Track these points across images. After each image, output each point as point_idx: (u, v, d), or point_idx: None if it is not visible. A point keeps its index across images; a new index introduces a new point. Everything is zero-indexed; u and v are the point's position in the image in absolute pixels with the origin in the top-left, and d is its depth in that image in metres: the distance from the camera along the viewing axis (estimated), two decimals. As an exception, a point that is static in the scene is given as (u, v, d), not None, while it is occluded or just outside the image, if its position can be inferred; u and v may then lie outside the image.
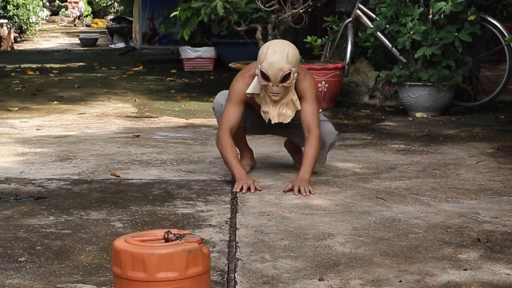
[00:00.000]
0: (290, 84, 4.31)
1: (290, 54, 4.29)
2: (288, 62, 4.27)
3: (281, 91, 4.32)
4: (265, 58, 4.29)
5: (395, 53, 7.30)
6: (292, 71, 4.28)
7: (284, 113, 4.39)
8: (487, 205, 3.99)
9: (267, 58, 4.28)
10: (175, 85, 9.32)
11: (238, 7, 7.67)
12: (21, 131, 6.11)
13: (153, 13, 12.35)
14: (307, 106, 4.39)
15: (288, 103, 4.39)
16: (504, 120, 6.61)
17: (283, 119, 4.39)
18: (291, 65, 4.28)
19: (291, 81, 4.30)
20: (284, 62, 4.26)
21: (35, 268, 3.10)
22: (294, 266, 3.12)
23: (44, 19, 23.27)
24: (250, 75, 4.44)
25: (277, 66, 4.25)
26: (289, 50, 4.31)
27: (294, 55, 4.32)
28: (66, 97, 8.17)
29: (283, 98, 4.36)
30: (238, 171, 4.35)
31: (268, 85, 4.30)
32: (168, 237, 2.56)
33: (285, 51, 4.29)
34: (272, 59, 4.27)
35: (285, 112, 4.39)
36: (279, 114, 4.39)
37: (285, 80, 4.28)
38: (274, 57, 4.27)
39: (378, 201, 4.07)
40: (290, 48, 4.33)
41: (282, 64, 4.25)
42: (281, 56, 4.27)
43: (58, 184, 4.43)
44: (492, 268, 3.09)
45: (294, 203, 4.04)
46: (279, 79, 4.27)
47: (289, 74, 4.27)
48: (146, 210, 3.91)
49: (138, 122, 6.61)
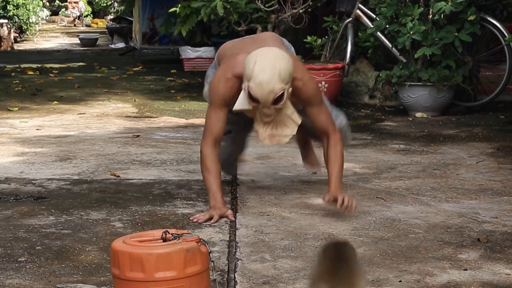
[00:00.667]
0: (284, 105, 3.64)
1: (282, 70, 3.57)
2: (280, 81, 3.55)
3: (274, 113, 3.65)
4: (252, 77, 3.56)
5: (395, 53, 7.30)
6: (286, 89, 3.59)
7: (279, 133, 3.73)
8: (487, 205, 3.99)
9: (255, 77, 3.55)
10: (175, 85, 9.32)
11: (238, 7, 7.67)
12: (21, 131, 6.11)
13: (153, 13, 12.35)
14: (317, 112, 3.83)
15: (283, 120, 3.70)
16: (504, 120, 6.61)
17: (278, 140, 3.74)
18: (284, 83, 3.57)
19: (285, 101, 3.62)
20: (275, 81, 3.54)
21: (35, 268, 3.10)
22: (294, 266, 3.11)
23: (44, 19, 23.27)
24: (234, 75, 3.76)
25: (267, 87, 3.54)
26: (281, 65, 3.57)
27: (287, 69, 3.59)
28: (66, 97, 8.17)
29: (276, 117, 3.68)
30: (213, 198, 3.77)
31: (258, 108, 3.63)
32: (166, 237, 2.56)
33: (276, 67, 3.55)
34: (261, 79, 3.54)
35: (280, 132, 3.73)
36: (272, 136, 3.73)
37: (278, 101, 3.60)
38: (263, 76, 3.54)
39: (378, 201, 4.07)
40: (281, 62, 3.59)
41: (273, 85, 3.54)
42: (272, 74, 3.54)
43: (58, 184, 4.42)
44: (492, 268, 3.09)
45: (294, 203, 4.03)
46: (271, 102, 3.58)
47: (282, 94, 3.58)
48: (146, 210, 3.91)
49: (138, 122, 6.61)
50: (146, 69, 11.28)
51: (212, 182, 3.79)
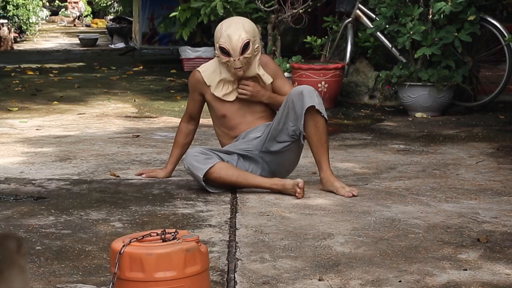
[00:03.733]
0: (251, 54, 4.24)
1: (245, 24, 4.27)
2: (245, 31, 4.23)
3: (244, 63, 4.25)
4: (221, 34, 4.24)
5: (395, 53, 7.30)
6: (251, 41, 4.23)
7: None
8: (487, 205, 3.99)
9: (223, 32, 4.23)
10: (175, 85, 9.33)
11: (238, 7, 7.67)
12: (21, 131, 6.11)
13: (153, 13, 12.36)
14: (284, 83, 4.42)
15: (254, 77, 4.35)
16: (504, 120, 6.61)
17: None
18: (249, 35, 4.23)
19: (252, 51, 4.24)
20: (241, 31, 4.22)
21: (35, 268, 3.10)
22: (294, 266, 3.11)
23: (44, 19, 23.29)
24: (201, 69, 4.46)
25: (235, 36, 4.20)
26: (244, 21, 4.31)
27: (251, 25, 4.30)
28: (66, 97, 8.17)
29: (246, 71, 4.30)
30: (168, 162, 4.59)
31: (230, 61, 4.24)
32: (165, 237, 2.56)
33: (239, 22, 4.28)
34: (228, 32, 4.22)
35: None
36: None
37: (245, 50, 4.22)
38: (230, 29, 4.23)
39: (378, 201, 4.07)
40: (245, 20, 4.34)
41: (239, 33, 4.21)
42: (237, 27, 4.23)
43: (58, 184, 4.43)
44: (492, 268, 3.09)
45: (294, 203, 4.03)
46: (240, 50, 4.21)
47: (248, 43, 4.22)
48: (146, 210, 3.91)
49: (138, 122, 6.61)
50: (146, 69, 11.28)
51: (174, 150, 4.57)
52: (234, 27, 4.24)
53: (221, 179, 4.18)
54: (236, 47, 4.21)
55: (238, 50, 4.21)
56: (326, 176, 4.23)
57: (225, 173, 4.18)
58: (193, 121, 4.62)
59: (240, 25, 4.26)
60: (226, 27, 4.25)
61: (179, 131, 4.59)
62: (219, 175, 4.17)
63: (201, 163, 4.18)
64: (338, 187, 4.18)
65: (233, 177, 4.19)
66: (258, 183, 4.22)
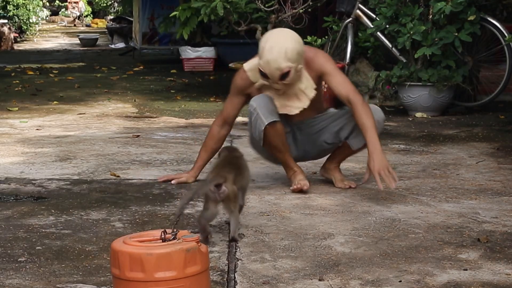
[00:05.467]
0: (291, 81, 4.04)
1: (289, 50, 3.97)
2: (287, 60, 3.97)
3: (283, 87, 4.08)
4: (262, 55, 4.01)
5: (395, 53, 7.30)
6: (293, 68, 3.99)
7: (290, 104, 4.15)
8: (487, 205, 3.99)
9: (264, 56, 3.99)
10: (175, 85, 9.33)
11: (238, 7, 7.67)
12: (21, 131, 6.11)
13: (153, 13, 12.36)
14: (334, 79, 4.15)
15: (296, 93, 4.13)
16: (504, 120, 6.61)
17: (289, 110, 4.15)
18: (291, 62, 3.98)
19: (292, 78, 4.02)
20: (282, 60, 3.96)
21: (35, 268, 3.10)
22: (294, 266, 3.11)
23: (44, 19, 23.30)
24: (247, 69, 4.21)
25: (274, 65, 3.97)
26: (288, 45, 3.97)
27: (294, 49, 3.99)
28: (66, 97, 8.18)
29: (288, 90, 4.10)
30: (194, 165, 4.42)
31: (269, 82, 4.07)
32: (165, 237, 2.56)
33: (283, 47, 3.96)
34: (268, 57, 3.98)
35: (292, 103, 4.15)
36: (284, 106, 4.16)
37: (285, 77, 4.02)
38: (271, 54, 3.97)
39: (378, 201, 4.07)
40: (290, 42, 3.99)
41: (280, 63, 3.97)
42: (279, 53, 3.96)
43: (58, 184, 4.42)
44: (492, 268, 3.09)
45: (294, 203, 4.03)
46: (278, 78, 4.02)
47: (288, 72, 4.00)
48: (146, 210, 3.91)
49: (138, 122, 6.61)
50: (146, 69, 11.29)
51: (202, 154, 4.40)
52: (276, 53, 3.96)
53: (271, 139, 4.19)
54: (275, 75, 4.01)
55: (276, 77, 4.01)
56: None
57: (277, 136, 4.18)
58: (227, 126, 4.38)
59: (283, 50, 3.95)
60: (269, 49, 3.98)
61: (211, 135, 4.39)
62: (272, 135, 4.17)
63: (267, 115, 4.13)
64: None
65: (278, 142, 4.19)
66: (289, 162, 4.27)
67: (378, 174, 3.98)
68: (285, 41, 3.99)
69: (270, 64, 3.98)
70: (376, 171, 3.99)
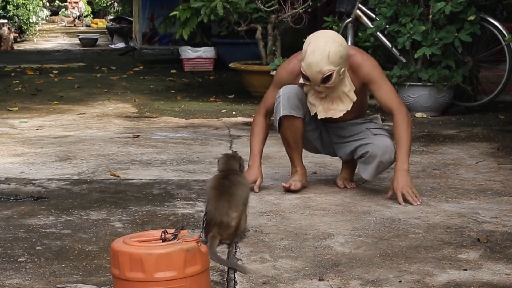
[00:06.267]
0: (334, 83, 3.93)
1: (332, 53, 3.87)
2: (329, 63, 3.86)
3: (325, 90, 3.97)
4: (304, 57, 3.91)
5: (395, 53, 7.29)
6: (336, 71, 3.89)
7: (334, 107, 4.04)
8: (487, 205, 3.99)
9: (306, 58, 3.89)
10: (175, 85, 9.33)
11: (238, 7, 7.67)
12: (21, 131, 6.11)
13: (153, 13, 12.36)
14: (380, 89, 4.07)
15: (339, 96, 4.02)
16: (504, 120, 6.61)
17: (332, 114, 4.05)
18: (334, 65, 3.88)
19: (335, 80, 3.91)
20: (324, 63, 3.86)
21: (35, 268, 3.10)
22: (294, 266, 3.11)
23: (44, 19, 23.30)
24: (298, 60, 4.08)
25: (316, 68, 3.87)
26: (331, 48, 3.87)
27: (337, 52, 3.88)
28: (66, 97, 8.18)
29: (330, 93, 4.01)
30: (251, 159, 4.25)
31: (311, 84, 3.98)
32: (165, 237, 2.56)
33: (326, 50, 3.86)
34: (310, 60, 3.88)
35: (336, 106, 4.04)
36: (328, 109, 4.05)
37: (327, 80, 3.91)
38: (312, 57, 3.87)
39: (378, 201, 4.07)
40: (332, 45, 3.88)
41: (322, 66, 3.86)
42: (321, 56, 3.86)
43: (58, 184, 4.42)
44: (492, 268, 3.09)
45: (294, 203, 4.03)
46: (319, 81, 3.91)
47: (330, 75, 3.89)
48: (146, 210, 3.91)
49: (138, 122, 6.61)
50: (146, 69, 11.28)
51: (254, 144, 4.25)
52: (318, 56, 3.86)
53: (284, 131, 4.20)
54: (317, 78, 3.91)
55: (318, 81, 3.91)
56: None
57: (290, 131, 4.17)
58: (269, 115, 4.28)
59: (326, 53, 3.85)
60: (311, 52, 3.88)
61: (258, 126, 4.26)
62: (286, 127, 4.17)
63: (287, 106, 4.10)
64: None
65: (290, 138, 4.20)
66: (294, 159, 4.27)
67: (401, 194, 3.99)
68: (327, 44, 3.89)
69: (311, 67, 3.88)
70: (399, 190, 3.99)
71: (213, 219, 3.31)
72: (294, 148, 4.26)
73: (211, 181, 3.50)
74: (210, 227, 3.31)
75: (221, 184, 3.43)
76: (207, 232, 3.31)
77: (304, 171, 4.31)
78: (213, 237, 3.27)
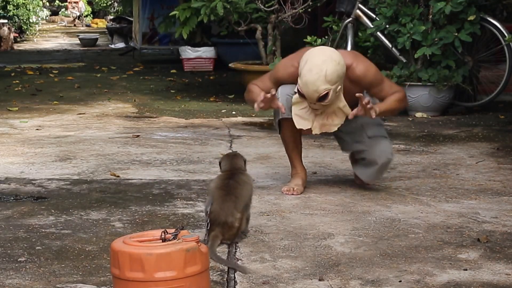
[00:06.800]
0: (330, 101, 3.88)
1: (329, 72, 3.80)
2: (326, 82, 3.80)
3: (321, 107, 3.93)
4: (301, 75, 3.85)
5: (395, 53, 7.29)
6: (332, 89, 3.83)
7: (329, 123, 4.00)
8: (487, 205, 3.99)
9: (302, 76, 3.83)
10: (175, 85, 9.32)
11: (238, 7, 7.67)
12: (21, 131, 6.11)
13: (153, 13, 12.36)
14: (381, 91, 4.07)
15: (334, 112, 3.98)
16: (504, 120, 6.61)
17: (327, 129, 4.01)
18: (331, 84, 3.81)
19: (331, 99, 3.86)
20: (320, 82, 3.80)
21: (35, 268, 3.10)
22: (294, 266, 3.12)
23: (44, 19, 23.29)
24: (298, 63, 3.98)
25: (312, 87, 3.81)
26: (328, 67, 3.80)
27: (334, 71, 3.82)
28: (66, 97, 8.17)
29: (326, 110, 3.96)
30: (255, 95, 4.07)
31: (307, 101, 3.93)
32: (165, 237, 2.56)
33: (323, 69, 3.79)
34: (306, 79, 3.81)
35: (331, 121, 4.00)
36: (323, 125, 4.00)
37: (323, 99, 3.86)
38: (309, 76, 3.81)
39: (378, 201, 4.07)
40: (330, 64, 3.81)
41: (318, 85, 3.80)
42: (318, 75, 3.79)
43: (58, 184, 4.43)
44: (492, 268, 3.09)
45: (294, 203, 4.04)
46: (315, 100, 3.86)
47: (326, 94, 3.83)
48: (146, 210, 3.91)
49: (138, 122, 6.61)
50: (146, 69, 11.28)
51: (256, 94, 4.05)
52: (315, 75, 3.79)
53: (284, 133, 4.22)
54: (313, 97, 3.85)
55: (314, 99, 3.86)
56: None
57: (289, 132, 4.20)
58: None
59: (323, 73, 3.78)
60: (307, 70, 3.81)
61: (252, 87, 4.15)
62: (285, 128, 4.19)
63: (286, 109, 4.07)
64: None
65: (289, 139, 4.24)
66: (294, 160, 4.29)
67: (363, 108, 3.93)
68: (324, 63, 3.81)
69: (308, 86, 3.82)
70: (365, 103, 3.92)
71: (217, 219, 3.32)
72: (294, 149, 4.27)
73: (216, 181, 3.51)
74: (213, 227, 3.32)
75: (227, 185, 3.44)
76: (209, 232, 3.32)
77: (304, 172, 4.31)
78: (215, 237, 3.27)
